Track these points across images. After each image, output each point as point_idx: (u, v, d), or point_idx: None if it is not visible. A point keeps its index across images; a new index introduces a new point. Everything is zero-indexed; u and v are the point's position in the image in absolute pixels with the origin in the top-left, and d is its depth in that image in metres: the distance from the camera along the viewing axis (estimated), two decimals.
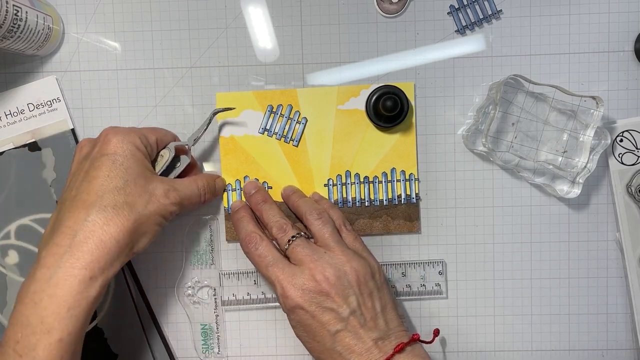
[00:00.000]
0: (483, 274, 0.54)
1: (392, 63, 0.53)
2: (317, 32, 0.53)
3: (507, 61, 0.53)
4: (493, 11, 0.53)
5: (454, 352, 0.54)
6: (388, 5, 0.53)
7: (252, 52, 0.53)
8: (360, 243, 0.49)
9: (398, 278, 0.53)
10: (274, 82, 0.53)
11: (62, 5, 0.53)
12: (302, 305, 0.43)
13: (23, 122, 0.53)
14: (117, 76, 0.53)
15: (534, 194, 0.54)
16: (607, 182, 0.53)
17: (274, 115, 0.53)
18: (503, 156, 0.52)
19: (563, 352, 0.54)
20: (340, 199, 0.53)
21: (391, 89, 0.51)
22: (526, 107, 0.52)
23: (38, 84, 0.53)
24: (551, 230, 0.54)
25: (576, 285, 0.54)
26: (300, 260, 0.45)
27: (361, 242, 0.49)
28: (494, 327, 0.54)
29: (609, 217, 0.54)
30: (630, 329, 0.54)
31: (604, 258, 0.54)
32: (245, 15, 0.53)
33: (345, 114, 0.53)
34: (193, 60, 0.53)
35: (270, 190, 0.53)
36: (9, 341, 0.39)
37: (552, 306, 0.54)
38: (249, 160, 0.53)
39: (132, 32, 0.53)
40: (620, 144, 0.52)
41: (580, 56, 0.53)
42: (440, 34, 0.53)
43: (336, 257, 0.45)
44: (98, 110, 0.54)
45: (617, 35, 0.53)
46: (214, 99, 0.53)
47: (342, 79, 0.53)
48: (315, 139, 0.53)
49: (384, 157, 0.53)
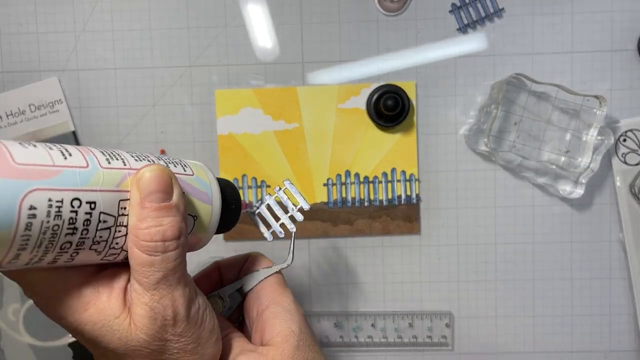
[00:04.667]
0: (485, 274, 0.54)
1: (393, 62, 0.53)
2: (317, 30, 0.53)
3: (509, 60, 0.53)
4: (495, 9, 0.52)
5: (454, 352, 0.54)
6: (389, 4, 0.52)
7: (251, 50, 0.53)
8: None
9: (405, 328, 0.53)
10: (273, 81, 0.53)
11: (60, 4, 0.52)
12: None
13: (24, 122, 0.53)
14: (115, 75, 0.53)
15: (537, 194, 0.53)
16: (610, 182, 0.53)
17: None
18: (505, 156, 0.52)
19: (565, 353, 0.54)
20: (339, 199, 0.53)
21: (392, 88, 0.51)
22: (528, 106, 0.51)
23: (40, 85, 0.53)
24: (553, 231, 0.53)
25: (579, 286, 0.54)
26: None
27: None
28: (496, 328, 0.54)
29: (612, 217, 0.53)
30: (633, 330, 0.53)
31: (607, 259, 0.53)
32: (245, 13, 0.53)
33: (346, 113, 0.52)
34: (192, 59, 0.53)
35: (268, 189, 0.53)
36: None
37: (555, 307, 0.54)
38: (248, 158, 0.53)
39: (131, 30, 0.53)
40: (624, 144, 0.52)
41: (583, 55, 0.52)
42: (442, 33, 0.53)
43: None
44: (96, 109, 0.53)
45: (620, 34, 0.52)
46: (213, 98, 0.53)
47: (342, 77, 0.53)
48: (315, 138, 0.53)
49: (384, 157, 0.53)
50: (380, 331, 0.54)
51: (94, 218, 0.26)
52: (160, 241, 0.27)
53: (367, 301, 0.54)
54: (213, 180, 0.33)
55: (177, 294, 0.28)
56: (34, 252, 0.24)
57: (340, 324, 0.54)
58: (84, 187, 0.25)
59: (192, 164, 0.33)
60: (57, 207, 0.24)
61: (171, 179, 0.28)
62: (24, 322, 0.54)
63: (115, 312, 0.28)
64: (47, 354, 0.54)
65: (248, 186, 0.53)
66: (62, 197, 0.24)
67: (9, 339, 0.54)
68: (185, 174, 0.31)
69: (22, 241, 0.23)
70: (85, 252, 0.27)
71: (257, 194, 0.53)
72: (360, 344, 0.54)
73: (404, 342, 0.54)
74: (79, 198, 0.25)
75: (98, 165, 0.27)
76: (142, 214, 0.27)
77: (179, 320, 0.29)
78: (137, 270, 0.28)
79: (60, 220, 0.24)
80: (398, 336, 0.54)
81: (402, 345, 0.54)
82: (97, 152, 0.27)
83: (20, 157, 0.24)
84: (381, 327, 0.54)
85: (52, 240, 0.24)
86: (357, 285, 0.54)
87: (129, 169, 0.28)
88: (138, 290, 0.28)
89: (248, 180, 0.53)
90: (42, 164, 0.24)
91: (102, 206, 0.26)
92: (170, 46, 0.53)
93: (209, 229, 0.32)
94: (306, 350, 0.33)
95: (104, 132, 0.53)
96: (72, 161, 0.25)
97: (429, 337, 0.54)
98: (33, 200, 0.23)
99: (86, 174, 0.26)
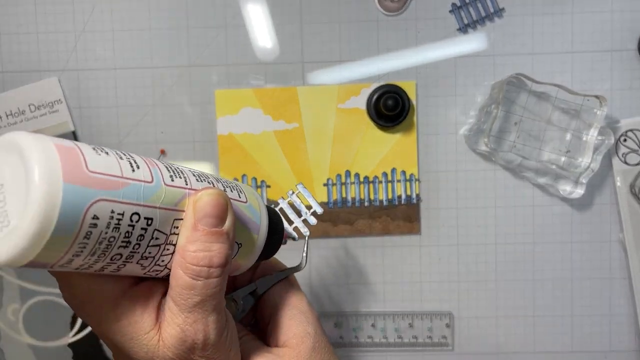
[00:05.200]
0: (485, 274, 0.54)
1: (393, 62, 0.53)
2: (317, 30, 0.53)
3: (510, 60, 0.53)
4: (495, 9, 0.52)
5: (454, 352, 0.54)
6: (389, 4, 0.52)
7: (251, 50, 0.53)
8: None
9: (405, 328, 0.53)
10: (273, 81, 0.53)
11: (60, 4, 0.52)
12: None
13: (24, 122, 0.53)
14: (115, 75, 0.53)
15: (537, 194, 0.53)
16: (610, 182, 0.53)
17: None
18: (505, 156, 0.52)
19: (565, 353, 0.54)
20: (339, 199, 0.53)
21: (392, 88, 0.51)
22: (529, 106, 0.51)
23: (40, 85, 0.53)
24: (554, 231, 0.53)
25: (579, 286, 0.53)
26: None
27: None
28: (496, 328, 0.54)
29: (612, 217, 0.53)
30: (633, 331, 0.53)
31: (607, 259, 0.53)
32: (245, 13, 0.53)
33: (346, 113, 0.52)
34: (192, 59, 0.53)
35: (268, 189, 0.53)
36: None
37: (555, 307, 0.54)
38: (248, 158, 0.53)
39: (131, 30, 0.53)
40: (624, 144, 0.52)
41: (583, 55, 0.52)
42: (442, 33, 0.53)
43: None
44: (96, 109, 0.53)
45: (621, 34, 0.52)
46: (213, 98, 0.53)
47: (342, 77, 0.53)
48: (315, 138, 0.53)
49: (385, 157, 0.53)
50: (380, 331, 0.54)
51: (148, 234, 0.26)
52: (206, 266, 0.27)
53: (367, 301, 0.54)
54: (263, 210, 0.33)
55: (211, 319, 0.28)
56: (86, 260, 0.24)
57: (340, 324, 0.54)
58: (145, 203, 0.25)
59: (246, 190, 0.33)
60: (118, 219, 0.24)
61: (227, 206, 0.28)
62: (23, 322, 0.54)
63: (147, 327, 0.28)
64: (47, 354, 0.54)
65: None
66: (124, 210, 0.24)
67: (9, 339, 0.54)
68: (239, 201, 0.31)
69: (79, 248, 0.23)
70: (132, 265, 0.27)
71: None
72: (360, 344, 0.54)
73: (404, 342, 0.54)
74: (138, 213, 0.25)
75: (162, 182, 0.26)
76: (193, 237, 0.27)
77: (209, 345, 0.29)
78: (177, 291, 0.28)
79: (117, 233, 0.24)
80: (398, 336, 0.54)
81: (402, 345, 0.54)
82: (162, 167, 0.27)
83: (93, 164, 0.24)
84: (381, 327, 0.54)
85: (105, 250, 0.24)
86: (357, 285, 0.54)
87: (189, 189, 0.28)
88: (173, 310, 0.28)
89: (248, 180, 0.53)
90: (112, 174, 0.24)
91: (158, 223, 0.26)
92: (170, 46, 0.53)
93: (251, 257, 0.32)
94: (322, 351, 0.33)
95: (104, 132, 0.53)
96: (138, 175, 0.25)
97: (429, 337, 0.54)
98: (97, 210, 0.23)
99: (150, 190, 0.26)
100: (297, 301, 0.35)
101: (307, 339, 0.33)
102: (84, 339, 0.54)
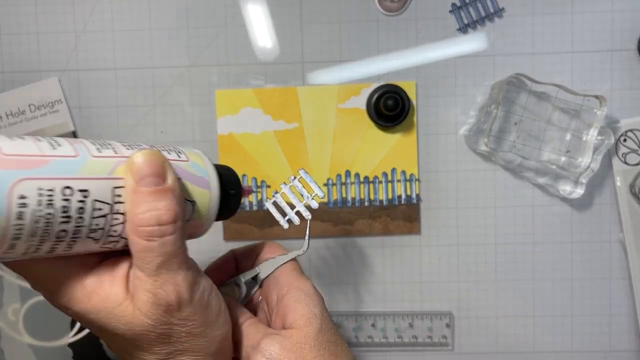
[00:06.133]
0: (485, 274, 0.54)
1: (393, 62, 0.53)
2: (317, 30, 0.53)
3: (510, 60, 0.53)
4: (495, 9, 0.52)
5: (454, 352, 0.54)
6: (389, 4, 0.52)
7: (251, 50, 0.53)
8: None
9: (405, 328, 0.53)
10: (273, 81, 0.53)
11: (60, 4, 0.52)
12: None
13: (24, 122, 0.53)
14: (115, 75, 0.53)
15: (537, 194, 0.53)
16: (610, 182, 0.53)
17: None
18: (505, 156, 0.52)
19: (565, 353, 0.54)
20: (339, 199, 0.53)
21: (392, 88, 0.51)
22: (529, 106, 0.51)
23: (40, 85, 0.53)
24: (554, 231, 0.53)
25: (579, 286, 0.53)
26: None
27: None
28: (496, 328, 0.54)
29: (612, 217, 0.53)
30: (633, 331, 0.53)
31: (607, 259, 0.53)
32: (245, 13, 0.53)
33: (346, 113, 0.52)
34: (192, 59, 0.53)
35: (268, 189, 0.53)
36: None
37: (555, 307, 0.54)
38: (248, 158, 0.53)
39: (131, 30, 0.53)
40: (624, 144, 0.52)
41: (583, 55, 0.52)
42: (442, 33, 0.53)
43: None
44: (96, 109, 0.53)
45: (621, 34, 0.52)
46: (213, 98, 0.53)
47: (342, 77, 0.53)
48: (315, 138, 0.53)
49: (385, 157, 0.53)
50: (381, 331, 0.54)
51: (88, 206, 0.26)
52: (156, 225, 0.27)
53: (367, 301, 0.54)
54: (210, 166, 0.33)
55: (180, 278, 0.28)
56: (30, 242, 0.24)
57: (340, 324, 0.54)
58: (75, 176, 0.26)
59: (188, 151, 0.33)
60: (49, 195, 0.24)
61: (164, 163, 0.28)
62: (23, 322, 0.54)
63: (118, 299, 0.28)
64: (47, 354, 0.54)
65: (248, 186, 0.53)
66: (53, 185, 0.24)
67: (9, 339, 0.54)
68: (180, 160, 0.31)
69: (15, 231, 0.24)
70: (83, 241, 0.27)
71: (257, 194, 0.53)
72: (360, 344, 0.54)
73: (404, 342, 0.54)
74: (70, 186, 0.25)
75: (88, 154, 0.27)
76: (137, 199, 0.27)
77: (183, 304, 0.29)
78: (138, 256, 0.28)
79: (52, 209, 0.24)
80: (398, 336, 0.54)
81: (402, 345, 0.54)
82: (88, 142, 0.28)
83: (7, 148, 0.24)
84: (381, 327, 0.54)
85: (46, 229, 0.25)
86: (357, 285, 0.54)
87: (121, 157, 0.28)
88: (140, 276, 0.28)
89: (248, 180, 0.53)
90: (30, 154, 0.24)
91: (95, 194, 0.26)
92: (170, 46, 0.53)
93: (208, 214, 0.32)
94: (328, 333, 0.33)
95: (104, 132, 0.53)
96: (61, 151, 0.26)
97: (429, 337, 0.54)
98: (23, 189, 0.23)
99: (76, 163, 0.26)
100: (302, 284, 0.35)
101: (314, 320, 0.33)
102: (84, 339, 0.54)
